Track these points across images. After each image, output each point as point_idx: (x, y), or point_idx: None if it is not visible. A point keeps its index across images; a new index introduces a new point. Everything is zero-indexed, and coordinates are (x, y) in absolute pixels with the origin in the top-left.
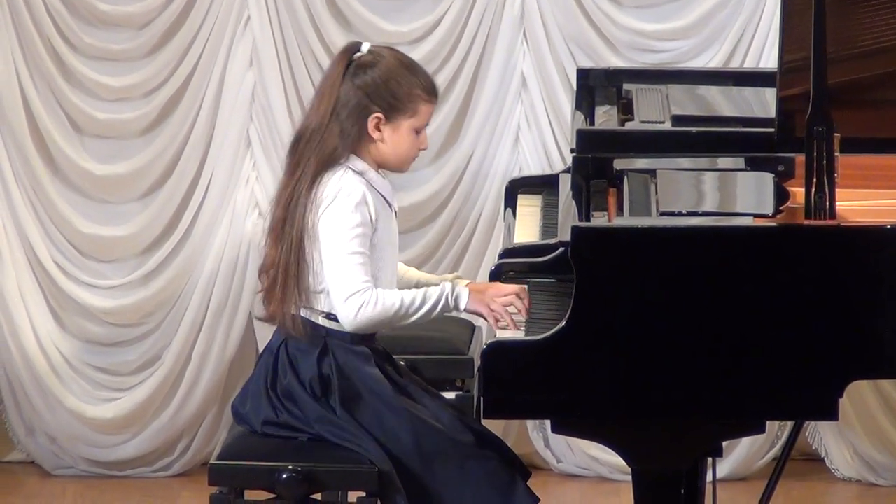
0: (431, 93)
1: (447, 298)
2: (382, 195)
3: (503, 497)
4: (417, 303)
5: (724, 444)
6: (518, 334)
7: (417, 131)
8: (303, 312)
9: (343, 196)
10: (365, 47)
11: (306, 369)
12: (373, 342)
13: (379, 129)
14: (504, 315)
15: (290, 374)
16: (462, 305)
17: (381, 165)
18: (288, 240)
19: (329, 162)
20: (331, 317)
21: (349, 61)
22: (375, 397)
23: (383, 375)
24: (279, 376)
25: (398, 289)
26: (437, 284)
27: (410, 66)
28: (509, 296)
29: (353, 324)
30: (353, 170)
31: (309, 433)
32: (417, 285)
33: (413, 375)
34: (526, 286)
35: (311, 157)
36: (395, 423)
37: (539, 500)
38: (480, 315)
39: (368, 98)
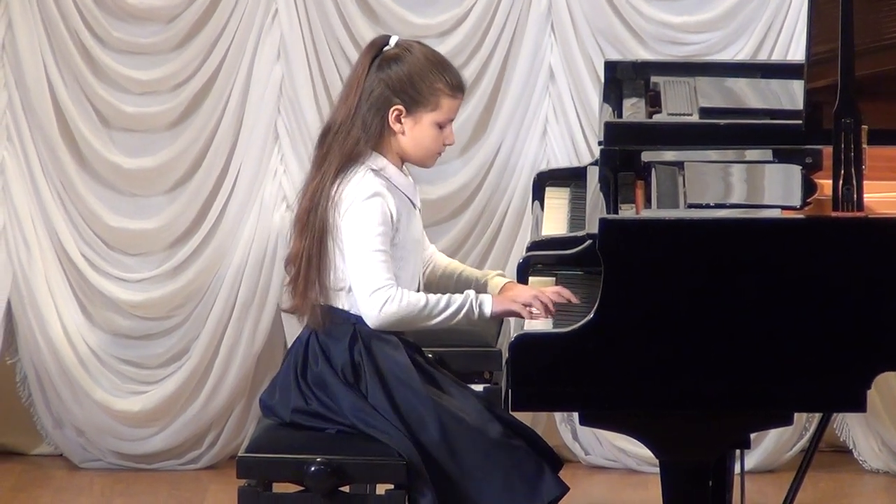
0: (456, 88)
1: (471, 305)
2: (405, 193)
3: (530, 486)
4: (441, 305)
5: (752, 435)
6: (546, 326)
7: (441, 126)
8: (327, 304)
9: (363, 197)
10: (393, 41)
11: (338, 356)
12: (401, 332)
13: (400, 122)
14: (537, 304)
15: (322, 361)
16: (487, 312)
17: (404, 160)
18: (312, 231)
19: (352, 157)
20: (352, 311)
21: (376, 54)
22: (404, 385)
23: (412, 364)
24: (309, 364)
25: (440, 278)
26: (478, 278)
27: (436, 61)
28: (538, 293)
29: (377, 319)
30: (374, 169)
31: (338, 422)
32: (459, 277)
33: (441, 368)
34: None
35: (336, 150)
36: (423, 411)
37: (569, 488)
38: (511, 314)
39: (391, 90)
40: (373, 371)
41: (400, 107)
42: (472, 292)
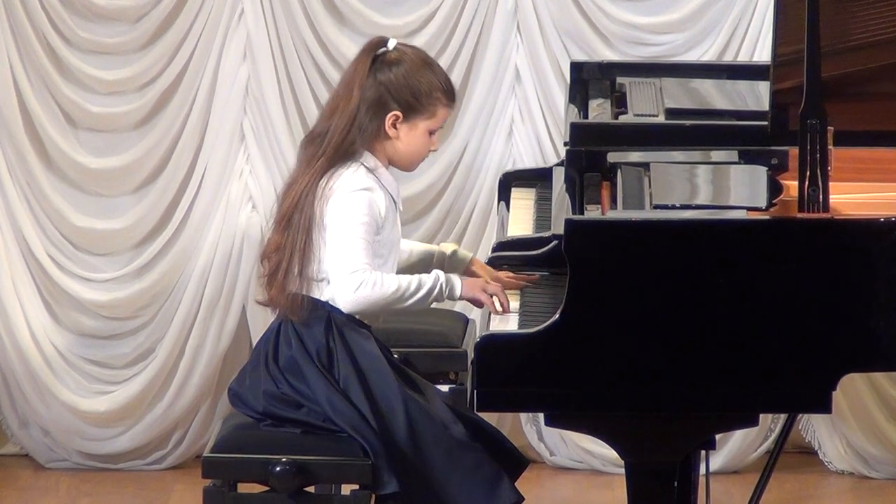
0: (451, 97)
1: (441, 287)
2: (391, 194)
3: (487, 489)
4: (413, 288)
5: (718, 436)
6: (512, 326)
7: (431, 133)
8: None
9: (354, 189)
10: (391, 43)
11: (313, 339)
12: (371, 328)
13: (395, 128)
14: (502, 296)
15: (297, 344)
16: (457, 293)
17: (391, 163)
18: (296, 228)
19: (345, 155)
20: (330, 304)
21: (374, 57)
22: (376, 374)
23: (384, 358)
24: (281, 349)
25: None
26: (443, 252)
27: (433, 68)
28: (505, 281)
29: (351, 301)
30: (366, 167)
31: (307, 406)
32: (411, 255)
33: (411, 369)
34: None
35: (330, 151)
36: (392, 402)
37: (523, 498)
38: (478, 301)
39: (389, 94)
40: (346, 358)
41: (398, 112)
42: (441, 274)
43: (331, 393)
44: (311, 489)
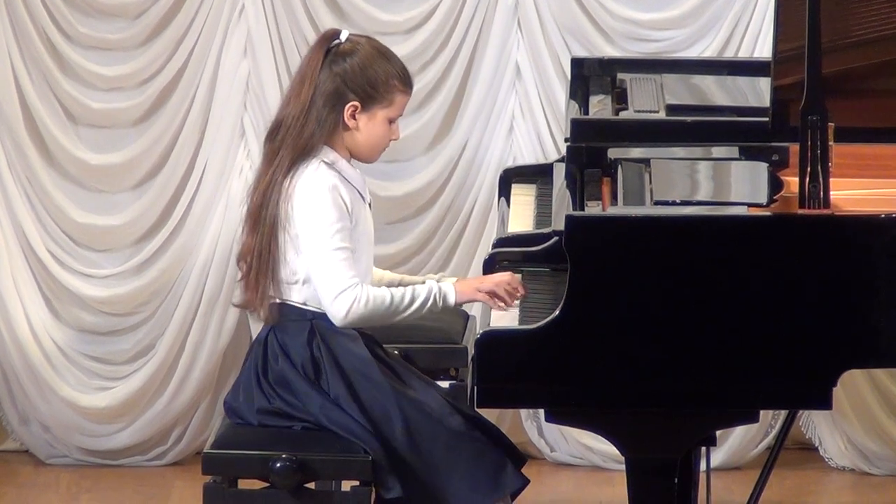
0: (407, 83)
1: (435, 298)
2: (355, 187)
3: (492, 477)
4: (406, 300)
5: (718, 433)
6: (512, 322)
7: (391, 121)
8: (282, 299)
9: (317, 191)
10: (343, 35)
11: (297, 352)
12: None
13: (354, 118)
14: (500, 292)
15: (283, 359)
16: (451, 301)
17: (352, 155)
18: (264, 226)
19: (305, 150)
20: (308, 305)
21: (328, 48)
22: (365, 379)
23: (372, 357)
24: (270, 363)
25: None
26: (420, 283)
27: (387, 56)
28: (500, 281)
29: (344, 321)
30: (326, 162)
31: (302, 419)
32: (401, 285)
33: (403, 362)
34: (517, 275)
35: (289, 145)
36: (385, 404)
37: (529, 480)
38: (475, 302)
39: (346, 85)
40: (333, 366)
41: (356, 103)
42: (434, 283)
43: (324, 403)
44: (312, 485)
